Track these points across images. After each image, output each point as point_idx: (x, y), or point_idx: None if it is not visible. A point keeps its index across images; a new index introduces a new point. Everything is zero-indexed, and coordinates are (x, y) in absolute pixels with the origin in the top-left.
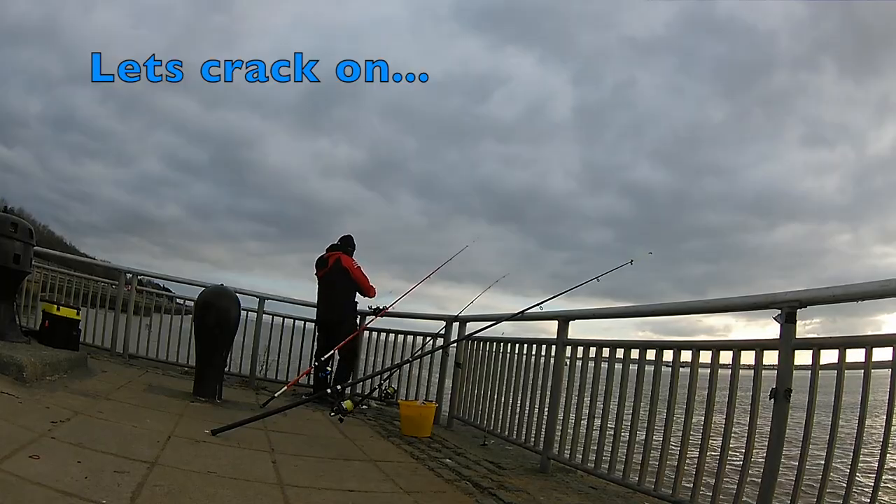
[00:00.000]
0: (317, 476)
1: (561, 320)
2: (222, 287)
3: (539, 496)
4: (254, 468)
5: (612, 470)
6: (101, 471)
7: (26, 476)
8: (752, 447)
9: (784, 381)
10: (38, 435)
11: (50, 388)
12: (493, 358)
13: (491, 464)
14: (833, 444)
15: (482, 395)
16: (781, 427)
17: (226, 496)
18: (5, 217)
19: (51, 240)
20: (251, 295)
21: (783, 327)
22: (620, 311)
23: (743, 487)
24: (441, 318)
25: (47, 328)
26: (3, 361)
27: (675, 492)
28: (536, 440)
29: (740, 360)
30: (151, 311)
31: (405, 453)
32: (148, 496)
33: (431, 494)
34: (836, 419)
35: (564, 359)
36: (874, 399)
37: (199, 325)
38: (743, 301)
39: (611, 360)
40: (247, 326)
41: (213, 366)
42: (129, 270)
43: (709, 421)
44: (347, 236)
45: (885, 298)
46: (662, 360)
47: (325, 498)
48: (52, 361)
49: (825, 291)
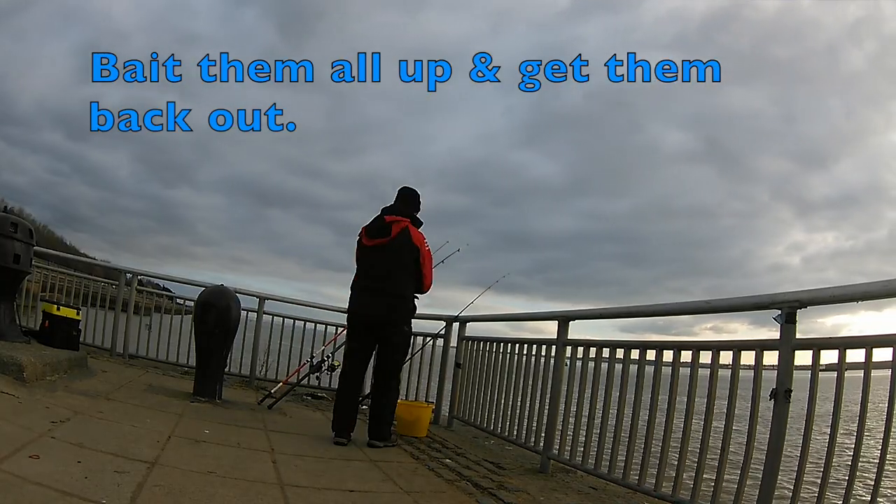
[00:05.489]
0: (317, 476)
1: (561, 320)
2: (222, 287)
3: (539, 496)
4: (254, 468)
5: (613, 470)
6: (101, 471)
7: (26, 476)
8: (752, 447)
9: (784, 382)
10: (38, 435)
11: (50, 388)
12: (493, 358)
13: (491, 464)
14: (833, 444)
15: (482, 396)
16: (781, 427)
17: (226, 496)
18: (5, 217)
19: (51, 240)
20: (251, 295)
21: (783, 327)
22: (620, 311)
23: (743, 487)
24: (441, 319)
25: (47, 328)
26: (3, 361)
27: (675, 492)
28: (536, 440)
29: (740, 360)
30: (151, 311)
31: (405, 453)
32: (148, 496)
33: (431, 494)
34: (837, 419)
35: (564, 359)
36: (874, 399)
37: (199, 325)
38: (743, 301)
39: (611, 360)
40: (247, 326)
41: (213, 366)
42: (129, 270)
43: (709, 421)
44: (412, 192)
45: (885, 298)
46: (662, 360)
47: (325, 498)
48: (52, 361)
49: (825, 292)
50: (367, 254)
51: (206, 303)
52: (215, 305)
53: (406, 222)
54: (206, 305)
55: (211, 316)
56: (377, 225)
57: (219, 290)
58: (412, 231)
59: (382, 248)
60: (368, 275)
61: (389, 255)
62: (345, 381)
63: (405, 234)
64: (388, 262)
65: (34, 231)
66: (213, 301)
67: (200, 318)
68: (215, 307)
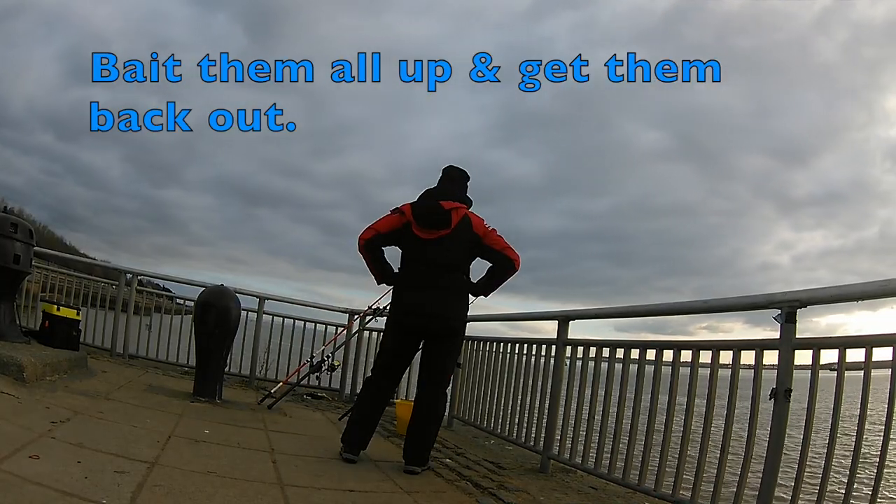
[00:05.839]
0: (317, 476)
1: (561, 320)
2: (222, 287)
3: (539, 496)
4: (254, 468)
5: (613, 470)
6: (101, 471)
7: (26, 476)
8: (752, 447)
9: (784, 381)
10: (38, 435)
11: (50, 388)
12: (493, 358)
13: (491, 464)
14: (833, 444)
15: (482, 395)
16: (781, 427)
17: (226, 496)
18: (5, 217)
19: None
20: (251, 295)
21: (783, 327)
22: (620, 311)
23: (743, 487)
24: None
25: (47, 328)
26: (3, 361)
27: (675, 492)
28: (536, 440)
29: (740, 359)
30: (151, 311)
31: None
32: (148, 496)
33: (431, 494)
34: (837, 419)
35: (564, 359)
36: (874, 399)
37: (199, 325)
38: (742, 301)
39: (611, 360)
40: (247, 326)
41: (213, 366)
42: (129, 271)
43: (709, 421)
44: (462, 172)
45: (885, 298)
46: (662, 360)
47: (326, 498)
48: (52, 361)
49: (825, 291)
50: (421, 246)
51: (206, 303)
52: (215, 305)
53: (464, 209)
54: (206, 305)
55: (211, 316)
56: (433, 212)
57: (219, 290)
58: (473, 217)
59: (440, 241)
60: (421, 271)
61: (450, 247)
62: (378, 392)
63: (466, 222)
64: (450, 255)
65: (34, 231)
66: (213, 301)
67: (200, 319)
68: (215, 307)
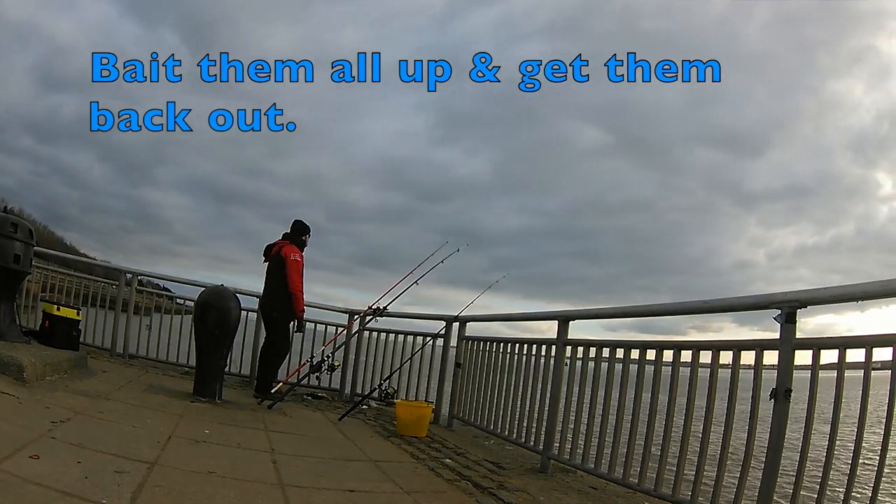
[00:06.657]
0: (317, 476)
1: (561, 320)
2: (222, 287)
3: (539, 496)
4: (254, 468)
5: (613, 470)
6: (101, 471)
7: (26, 476)
8: (752, 447)
9: (784, 382)
10: (38, 435)
11: (50, 388)
12: (493, 358)
13: (491, 464)
14: (833, 444)
15: (482, 396)
16: (781, 427)
17: (226, 496)
18: (5, 217)
19: (51, 240)
20: (251, 295)
21: (783, 327)
22: (620, 311)
23: (743, 487)
24: (441, 319)
25: (47, 328)
26: (3, 361)
27: (675, 492)
28: (536, 440)
29: (740, 360)
30: (151, 311)
31: (405, 453)
32: (148, 496)
33: (431, 494)
34: (837, 419)
35: (564, 359)
36: (874, 399)
37: (199, 325)
38: (742, 301)
39: (611, 360)
40: (247, 326)
41: (213, 366)
42: (129, 271)
43: (709, 421)
44: (296, 222)
45: (885, 298)
46: (662, 360)
47: (326, 498)
48: (52, 361)
49: (825, 292)
50: None
51: (206, 303)
52: (215, 305)
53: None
54: (205, 305)
55: (211, 316)
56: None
57: (219, 290)
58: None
59: None
60: None
61: None
62: None
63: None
64: None
65: (34, 231)
66: (212, 301)
67: (200, 319)
68: (215, 307)
